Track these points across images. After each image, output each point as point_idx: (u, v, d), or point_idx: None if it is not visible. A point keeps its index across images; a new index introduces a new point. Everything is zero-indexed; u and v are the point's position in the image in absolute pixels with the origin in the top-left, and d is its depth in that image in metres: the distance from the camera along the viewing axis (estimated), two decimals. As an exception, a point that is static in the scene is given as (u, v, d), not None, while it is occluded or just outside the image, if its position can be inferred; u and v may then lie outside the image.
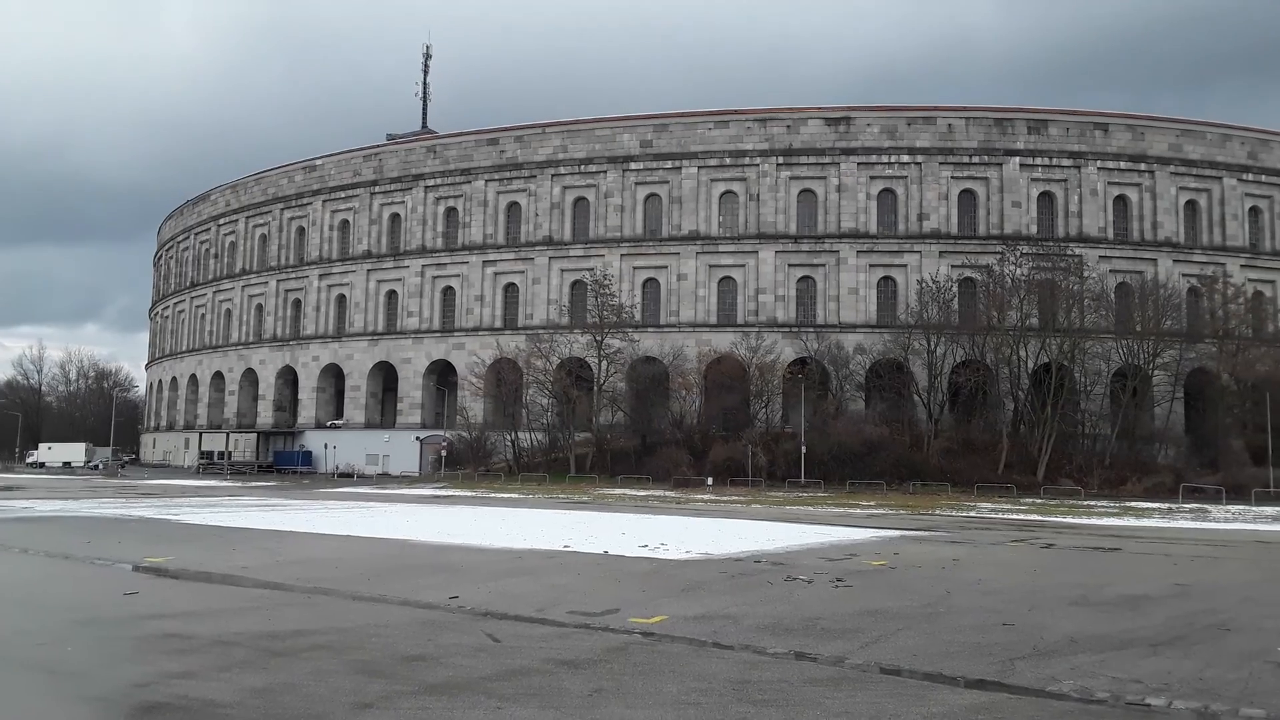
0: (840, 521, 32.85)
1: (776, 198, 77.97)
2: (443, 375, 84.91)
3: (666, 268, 79.63)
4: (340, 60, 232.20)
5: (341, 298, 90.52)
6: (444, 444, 74.29)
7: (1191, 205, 77.61)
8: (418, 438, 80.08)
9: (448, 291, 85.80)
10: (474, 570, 17.59)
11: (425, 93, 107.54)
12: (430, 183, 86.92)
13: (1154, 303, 67.20)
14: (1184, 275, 74.49)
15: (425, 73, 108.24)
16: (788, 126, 78.60)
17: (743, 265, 78.36)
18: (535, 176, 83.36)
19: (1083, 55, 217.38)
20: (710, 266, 78.93)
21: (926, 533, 28.47)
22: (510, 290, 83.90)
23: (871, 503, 46.22)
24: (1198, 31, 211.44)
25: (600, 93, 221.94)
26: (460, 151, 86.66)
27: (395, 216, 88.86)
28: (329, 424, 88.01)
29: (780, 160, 78.05)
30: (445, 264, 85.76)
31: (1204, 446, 63.31)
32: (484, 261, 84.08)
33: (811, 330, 73.75)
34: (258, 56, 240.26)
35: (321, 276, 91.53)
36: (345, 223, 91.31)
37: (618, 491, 55.17)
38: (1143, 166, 76.84)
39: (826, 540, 24.71)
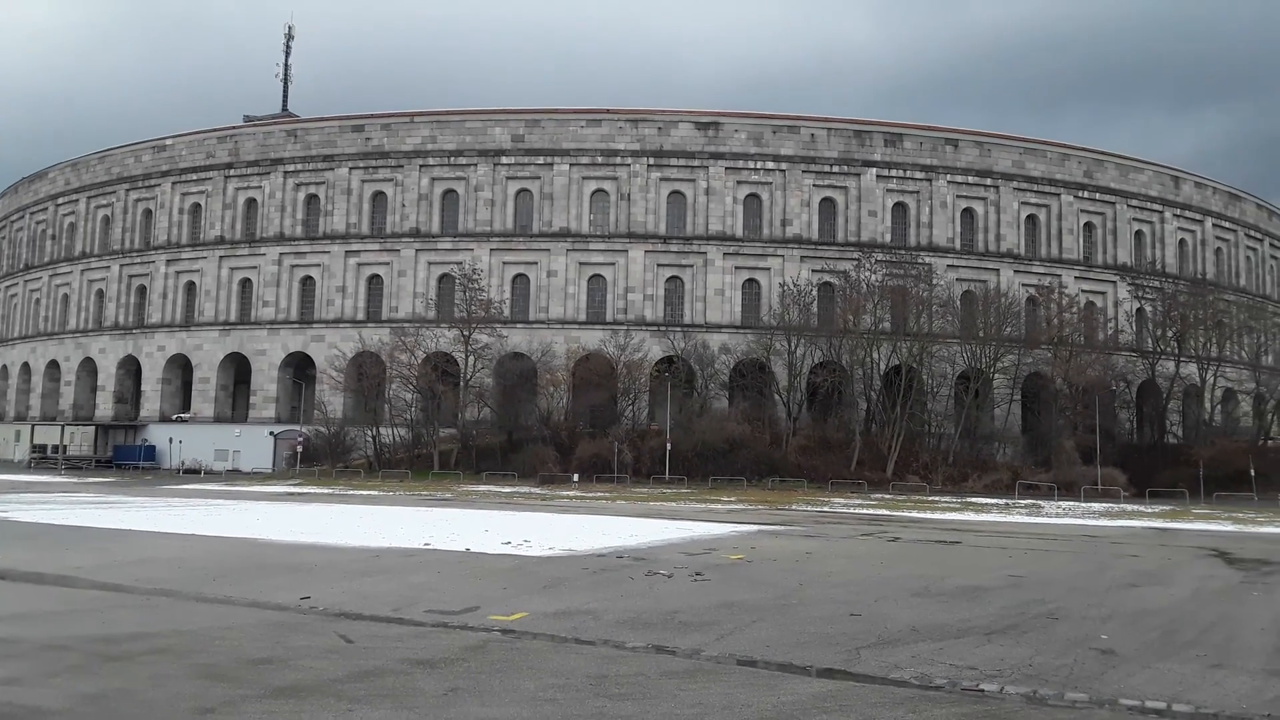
0: (702, 517, 33.49)
1: (647, 198, 78.72)
2: (300, 368, 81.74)
3: (537, 264, 79.17)
4: (199, 37, 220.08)
5: (191, 285, 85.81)
6: (300, 439, 71.47)
7: (1032, 219, 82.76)
8: (272, 433, 76.79)
9: (307, 281, 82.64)
10: (328, 570, 17.04)
11: (286, 74, 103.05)
12: (290, 168, 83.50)
13: (996, 310, 71.33)
14: (1024, 285, 79.40)
15: (287, 54, 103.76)
16: (659, 128, 79.47)
17: (613, 264, 78.74)
18: (402, 166, 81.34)
19: (945, 73, 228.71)
20: (581, 264, 78.94)
21: (783, 527, 29.37)
22: (374, 282, 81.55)
23: (732, 499, 47.31)
24: (1052, 57, 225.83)
25: (471, 85, 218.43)
26: (323, 137, 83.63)
27: (251, 202, 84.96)
28: (175, 417, 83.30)
29: (651, 161, 78.84)
30: (305, 253, 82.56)
31: (1039, 446, 67.70)
32: (347, 252, 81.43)
33: (679, 329, 74.80)
34: (116, 30, 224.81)
35: (169, 262, 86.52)
36: (197, 206, 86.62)
37: (483, 488, 54.53)
38: (989, 181, 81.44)
39: (687, 536, 25.15)
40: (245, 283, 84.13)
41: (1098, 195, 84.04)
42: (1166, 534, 30.91)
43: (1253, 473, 58.14)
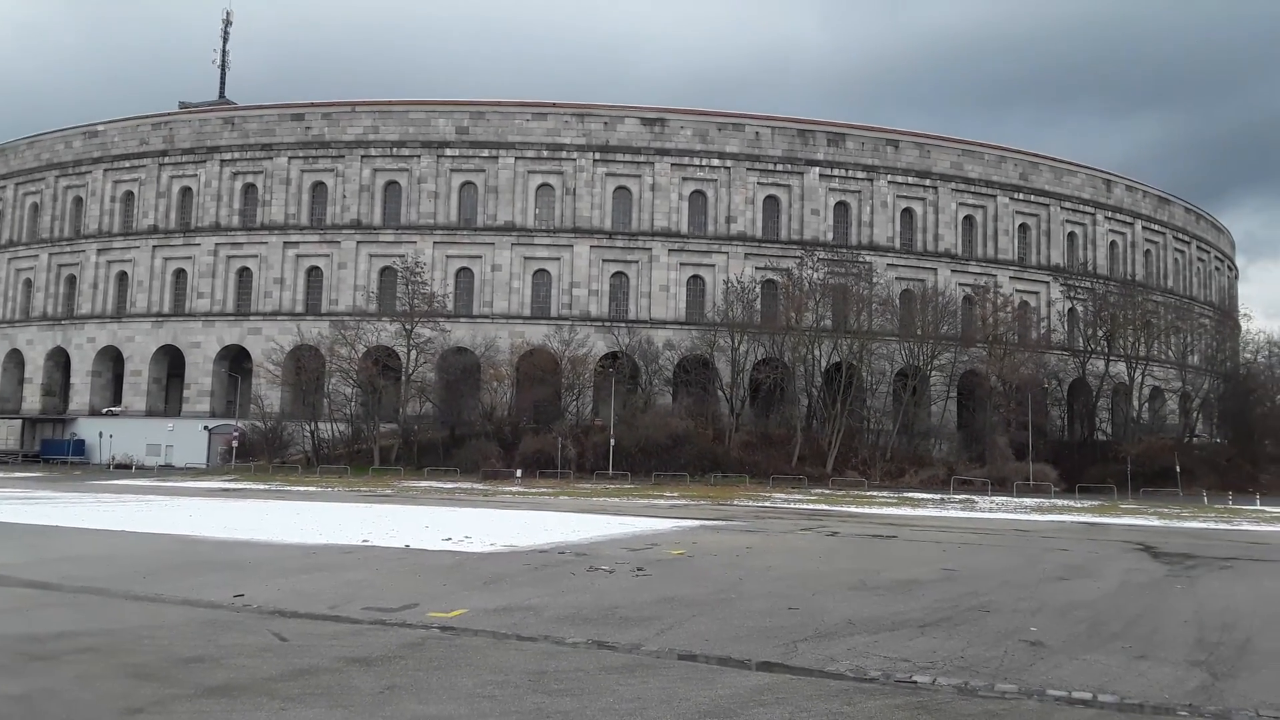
0: (644, 513, 33.60)
1: (593, 193, 78.62)
2: (236, 361, 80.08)
3: (481, 258, 78.58)
4: (135, 21, 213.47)
5: (123, 275, 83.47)
6: (236, 434, 70.00)
7: (969, 220, 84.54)
8: (206, 427, 75.13)
9: (244, 273, 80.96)
10: (263, 567, 16.72)
11: (224, 61, 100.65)
12: (227, 156, 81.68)
13: (933, 309, 72.83)
14: (960, 284, 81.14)
15: (225, 40, 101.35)
16: (605, 123, 79.39)
17: (558, 258, 78.50)
18: (344, 156, 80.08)
19: (889, 73, 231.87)
20: (525, 258, 78.57)
21: (724, 522, 29.62)
22: (314, 274, 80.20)
23: (675, 494, 47.54)
24: (993, 60, 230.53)
25: (415, 76, 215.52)
26: (261, 125, 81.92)
27: (186, 190, 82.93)
28: (105, 411, 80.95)
29: (597, 156, 78.76)
30: (242, 243, 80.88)
31: (973, 442, 69.31)
32: (285, 243, 79.95)
33: (624, 325, 74.91)
34: (48, 12, 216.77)
35: (100, 251, 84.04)
36: (129, 195, 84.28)
37: (424, 484, 53.98)
38: (928, 182, 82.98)
39: (630, 531, 25.22)
40: (179, 273, 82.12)
41: (1033, 197, 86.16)
42: (1095, 529, 31.85)
43: (1178, 469, 60.23)
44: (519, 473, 59.39)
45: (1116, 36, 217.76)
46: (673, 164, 79.14)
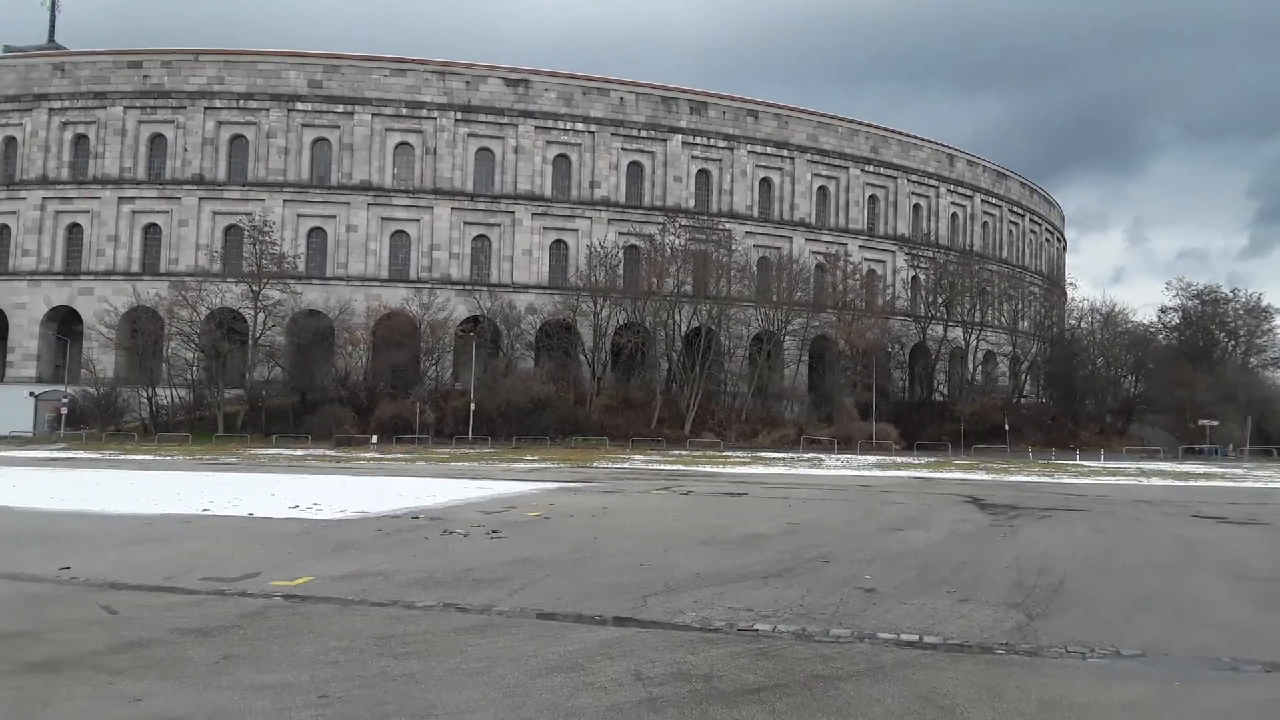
0: (504, 476, 33.50)
1: (454, 154, 76.84)
2: (65, 323, 74.63)
3: (335, 217, 75.72)
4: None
5: (-67, 229, 76.22)
6: (65, 401, 65.41)
7: (823, 190, 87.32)
8: (32, 393, 69.85)
9: (74, 229, 75.27)
10: (93, 538, 15.80)
11: (54, 2, 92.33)
12: (56, 105, 75.47)
13: (788, 276, 75.19)
14: (814, 252, 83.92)
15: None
16: (467, 82, 77.53)
17: (418, 220, 76.51)
18: (185, 108, 75.29)
19: (754, 43, 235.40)
20: (383, 219, 76.21)
21: (583, 484, 29.89)
22: (152, 232, 75.40)
23: (536, 457, 47.56)
24: (854, 36, 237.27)
25: (263, 27, 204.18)
26: (95, 72, 75.93)
27: (10, 140, 76.30)
28: (-88, 377, 74.06)
29: (459, 116, 76.91)
30: (72, 198, 75.13)
31: (823, 403, 72.31)
32: (120, 198, 74.79)
33: (485, 289, 73.96)
34: None
35: (-96, 203, 76.39)
36: (-59, 142, 76.77)
37: (272, 452, 52.00)
38: (785, 153, 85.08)
39: (487, 495, 25.12)
40: (2, 229, 75.67)
41: (882, 170, 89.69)
42: (930, 483, 33.83)
43: (1007, 427, 64.68)
44: (375, 439, 58.03)
45: (966, 19, 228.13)
46: (536, 126, 78.14)
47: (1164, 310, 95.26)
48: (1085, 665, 8.56)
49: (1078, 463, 53.09)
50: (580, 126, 79.09)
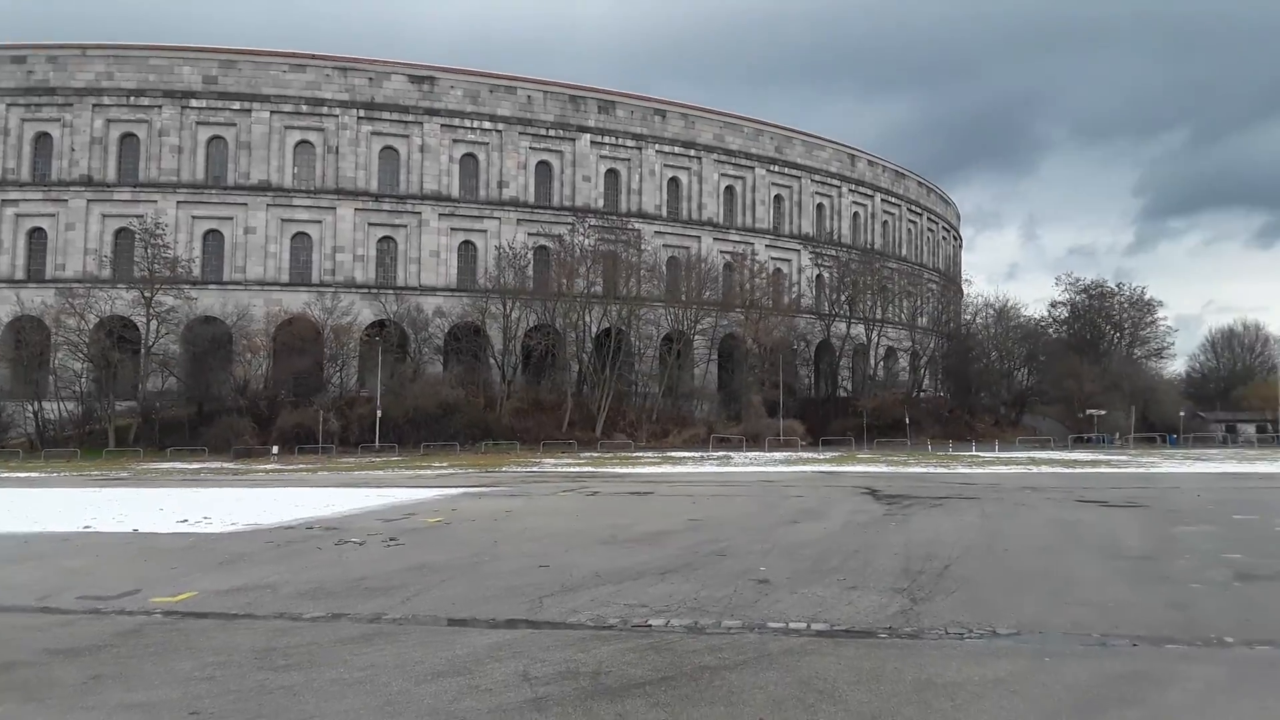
0: (409, 484, 32.96)
1: (357, 152, 75.26)
2: (-61, 334, 70.46)
3: (232, 219, 73.33)
4: None
5: None
6: (-60, 417, 61.76)
7: (730, 190, 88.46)
8: (-98, 410, 65.68)
9: (-53, 234, 71.15)
10: (-39, 561, 14.96)
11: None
12: (-72, 101, 71.22)
13: (697, 275, 75.98)
14: (721, 252, 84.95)
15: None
16: (370, 79, 76.04)
17: (320, 221, 74.68)
18: (72, 105, 71.92)
19: (664, 42, 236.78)
20: (283, 221, 74.15)
21: (489, 489, 29.62)
22: (36, 236, 71.81)
23: (444, 464, 46.91)
24: (765, 37, 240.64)
25: (154, 21, 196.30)
26: (-31, 67, 71.92)
27: (-128, 138, 71.66)
28: None
29: (362, 114, 75.39)
30: (-56, 200, 71.01)
31: (732, 401, 73.29)
32: (3, 200, 70.98)
33: (391, 292, 72.67)
34: None
35: None
36: None
37: (166, 465, 50.05)
38: (693, 152, 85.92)
39: (388, 502, 24.67)
40: None
41: (787, 169, 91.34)
42: (832, 477, 34.61)
43: (907, 420, 66.66)
44: (276, 450, 56.42)
45: (869, 21, 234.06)
46: (443, 125, 77.13)
47: (1054, 305, 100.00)
48: (962, 645, 8.85)
49: (973, 453, 55.03)
50: (488, 125, 78.38)
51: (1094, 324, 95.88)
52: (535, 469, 41.77)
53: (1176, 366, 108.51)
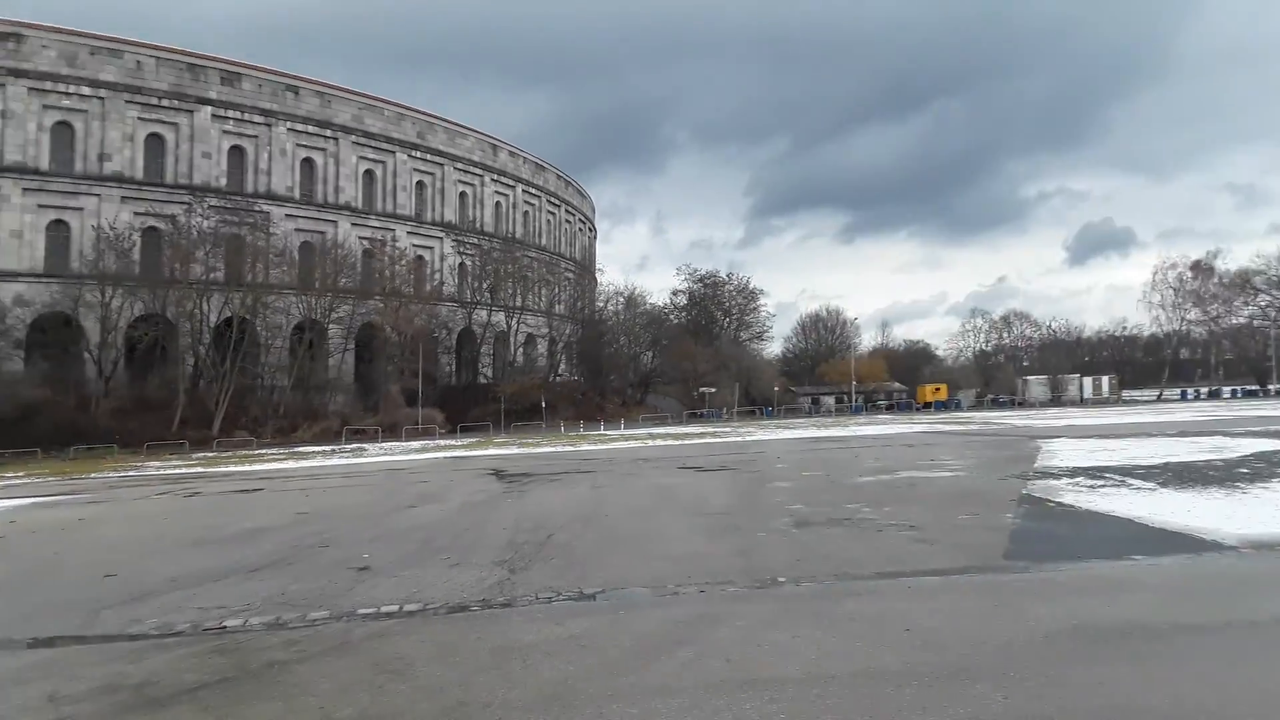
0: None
1: (-95, 112, 62.35)
2: None
3: None
4: None
5: None
6: None
7: (370, 174, 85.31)
8: None
9: None
10: None
11: None
12: None
13: (333, 261, 72.47)
14: (360, 237, 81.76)
15: None
16: (-72, 29, 63.29)
17: None
18: None
19: (298, 16, 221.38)
20: None
21: (67, 497, 26.06)
22: None
23: (19, 473, 40.41)
24: (408, 22, 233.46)
25: None
26: None
27: None
28: None
29: (-84, 68, 62.54)
30: None
31: (370, 392, 70.97)
32: None
33: (-46, 277, 61.28)
34: None
35: None
36: None
37: None
38: (329, 133, 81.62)
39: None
40: None
41: (429, 156, 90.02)
42: (462, 461, 34.65)
43: (544, 404, 68.85)
44: None
45: (516, 15, 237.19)
46: (30, 88, 66.30)
47: (675, 293, 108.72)
48: (549, 609, 9.17)
49: (601, 432, 58.10)
50: (88, 90, 68.54)
51: (708, 310, 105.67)
52: (133, 473, 37.25)
53: (774, 348, 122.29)
